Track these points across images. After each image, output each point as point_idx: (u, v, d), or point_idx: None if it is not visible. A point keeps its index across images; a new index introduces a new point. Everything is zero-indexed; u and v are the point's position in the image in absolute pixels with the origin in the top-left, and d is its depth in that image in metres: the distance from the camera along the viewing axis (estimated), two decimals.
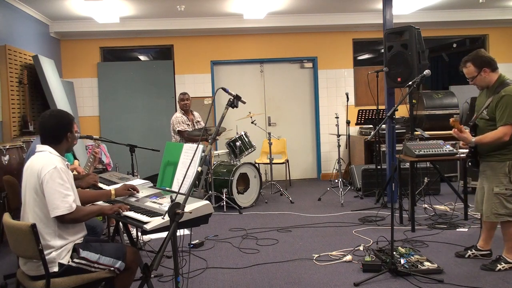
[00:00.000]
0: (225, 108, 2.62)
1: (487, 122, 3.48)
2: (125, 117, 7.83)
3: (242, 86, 8.10)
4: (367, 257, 3.72)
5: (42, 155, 2.52)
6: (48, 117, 2.60)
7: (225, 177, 6.04)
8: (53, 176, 2.40)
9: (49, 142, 2.58)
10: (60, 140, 2.60)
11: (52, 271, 2.38)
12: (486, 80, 3.53)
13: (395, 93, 6.14)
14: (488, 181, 3.51)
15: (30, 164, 2.53)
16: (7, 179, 3.71)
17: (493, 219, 3.51)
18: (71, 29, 7.40)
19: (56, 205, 2.37)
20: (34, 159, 2.53)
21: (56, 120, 2.60)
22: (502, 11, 7.90)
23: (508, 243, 3.55)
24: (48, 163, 2.44)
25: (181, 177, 2.90)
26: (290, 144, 8.08)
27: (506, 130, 3.31)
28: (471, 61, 3.55)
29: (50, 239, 2.42)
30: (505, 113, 3.31)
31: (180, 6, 6.69)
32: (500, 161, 3.43)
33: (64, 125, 2.62)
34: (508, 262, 3.54)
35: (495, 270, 3.51)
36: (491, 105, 3.43)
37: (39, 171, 2.42)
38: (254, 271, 3.75)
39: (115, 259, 2.52)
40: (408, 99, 5.69)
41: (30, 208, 2.46)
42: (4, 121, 5.48)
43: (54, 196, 2.38)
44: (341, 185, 6.37)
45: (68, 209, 2.38)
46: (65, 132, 2.61)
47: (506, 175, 3.40)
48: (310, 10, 7.43)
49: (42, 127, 2.60)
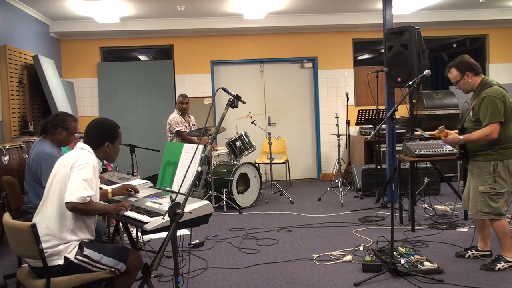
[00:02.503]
0: (225, 108, 2.62)
1: (473, 123, 3.60)
2: (125, 117, 7.82)
3: (242, 86, 8.10)
4: (367, 257, 3.72)
5: (80, 151, 2.61)
6: (94, 122, 2.75)
7: (225, 177, 6.04)
8: (87, 168, 2.47)
9: (89, 144, 2.67)
10: (98, 146, 2.68)
11: (57, 264, 2.40)
12: (470, 84, 3.66)
13: (395, 93, 6.13)
14: (474, 179, 3.61)
15: (64, 159, 2.61)
16: (6, 179, 3.71)
17: (478, 216, 3.60)
18: (71, 29, 7.40)
19: (73, 192, 2.40)
20: (71, 153, 2.62)
21: (99, 127, 2.72)
22: (502, 11, 7.90)
23: (502, 241, 3.58)
24: (86, 157, 2.53)
25: (181, 177, 2.90)
26: (290, 144, 8.08)
27: (493, 128, 3.41)
28: (455, 66, 3.69)
29: (63, 231, 2.45)
30: (487, 113, 3.43)
31: (180, 6, 6.69)
32: (485, 160, 3.52)
33: (106, 134, 2.71)
34: (507, 261, 3.55)
35: (495, 270, 3.52)
36: (475, 107, 3.56)
37: (74, 162, 2.50)
38: (254, 271, 3.75)
39: (117, 261, 2.53)
40: (408, 99, 5.69)
41: (55, 197, 2.50)
42: (4, 121, 5.48)
43: (76, 184, 2.41)
44: (341, 185, 6.36)
45: (82, 199, 2.39)
46: (104, 140, 2.68)
47: (491, 174, 3.50)
48: (310, 10, 7.43)
49: (86, 129, 2.73)
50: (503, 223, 3.53)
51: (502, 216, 3.52)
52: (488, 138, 3.44)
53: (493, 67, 8.37)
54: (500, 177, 3.48)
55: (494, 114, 3.41)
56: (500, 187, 3.49)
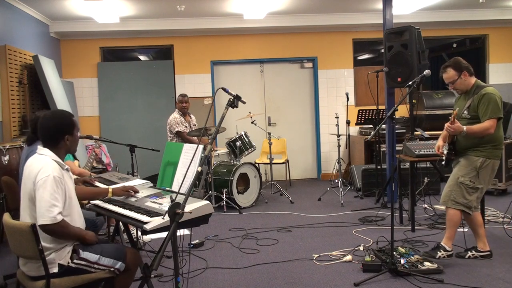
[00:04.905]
0: (225, 108, 2.62)
1: (468, 121, 3.69)
2: (125, 117, 7.83)
3: (242, 86, 8.10)
4: (367, 257, 3.72)
5: (41, 159, 2.46)
6: (46, 118, 2.52)
7: (225, 177, 6.04)
8: (46, 184, 2.34)
9: (48, 145, 2.51)
10: (58, 143, 2.52)
11: (51, 272, 2.37)
12: (465, 83, 3.76)
13: (395, 93, 6.13)
14: (458, 169, 3.74)
15: (29, 165, 2.50)
16: (5, 180, 3.70)
17: (449, 205, 3.71)
18: (71, 29, 7.40)
19: (41, 213, 2.31)
20: (34, 161, 2.48)
21: (54, 122, 2.52)
22: (502, 11, 7.89)
23: (448, 230, 3.75)
24: (45, 169, 2.38)
25: (181, 177, 2.90)
26: (290, 144, 8.08)
27: (492, 123, 3.54)
28: (451, 66, 3.76)
29: (50, 241, 2.40)
30: (488, 109, 3.56)
31: (180, 6, 6.69)
32: (475, 156, 3.66)
33: (63, 126, 2.53)
34: (447, 250, 3.73)
35: (435, 258, 3.68)
36: (472, 104, 3.67)
37: (35, 176, 2.38)
38: (254, 271, 3.75)
39: (115, 260, 2.52)
40: (408, 99, 5.69)
41: (27, 211, 2.44)
42: (4, 121, 5.48)
43: (42, 204, 2.32)
44: (341, 185, 6.36)
45: (51, 220, 2.30)
46: (64, 134, 2.52)
47: (476, 169, 3.64)
48: (310, 10, 7.43)
49: (40, 129, 2.54)
50: (457, 214, 3.68)
51: (470, 210, 3.68)
52: (486, 133, 3.56)
53: (493, 67, 8.36)
54: (483, 174, 3.64)
55: (494, 110, 3.55)
56: (478, 182, 3.64)
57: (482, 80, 4.22)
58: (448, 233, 3.77)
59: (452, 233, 3.75)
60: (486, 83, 8.29)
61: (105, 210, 2.82)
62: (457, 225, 3.75)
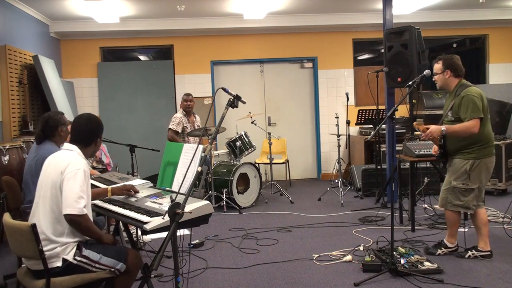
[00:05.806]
0: (225, 108, 2.62)
1: (452, 123, 3.72)
2: (125, 117, 7.83)
3: (242, 86, 8.10)
4: (367, 257, 3.72)
5: (69, 154, 2.58)
6: (85, 119, 2.72)
7: (225, 177, 6.04)
8: (76, 176, 2.45)
9: (79, 143, 2.66)
10: (90, 143, 2.69)
11: (55, 266, 2.39)
12: (445, 82, 3.81)
13: (395, 93, 6.13)
14: (450, 174, 3.81)
15: (53, 160, 2.58)
16: (6, 180, 3.70)
17: (448, 207, 3.79)
18: (71, 29, 7.40)
19: (70, 203, 2.40)
20: (60, 156, 2.59)
21: (92, 125, 2.72)
22: (502, 11, 7.89)
23: (449, 229, 3.87)
24: (76, 162, 2.50)
25: (181, 177, 2.90)
26: (290, 144, 8.08)
27: (474, 122, 3.56)
28: (442, 60, 3.82)
29: (59, 235, 2.44)
30: (468, 110, 3.58)
31: (180, 6, 6.69)
32: (464, 159, 3.69)
33: (99, 131, 2.75)
34: (447, 247, 3.87)
35: (435, 255, 3.81)
36: (454, 106, 3.70)
37: (64, 168, 2.47)
38: (254, 271, 3.75)
39: (117, 261, 2.52)
40: (408, 99, 5.69)
41: (46, 202, 2.48)
42: (4, 121, 5.48)
43: (71, 194, 2.41)
44: (341, 185, 6.36)
45: (79, 211, 2.39)
46: (96, 137, 2.72)
47: (466, 172, 3.67)
48: (310, 10, 7.43)
49: (76, 129, 2.69)
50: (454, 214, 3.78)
51: (469, 210, 3.74)
52: (469, 131, 3.57)
53: (493, 67, 8.34)
54: (475, 174, 3.66)
55: (474, 110, 3.57)
56: (472, 183, 3.67)
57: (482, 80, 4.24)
58: (450, 231, 3.85)
59: (453, 231, 3.83)
60: (486, 83, 8.36)
61: (105, 210, 2.82)
62: (457, 223, 3.81)
